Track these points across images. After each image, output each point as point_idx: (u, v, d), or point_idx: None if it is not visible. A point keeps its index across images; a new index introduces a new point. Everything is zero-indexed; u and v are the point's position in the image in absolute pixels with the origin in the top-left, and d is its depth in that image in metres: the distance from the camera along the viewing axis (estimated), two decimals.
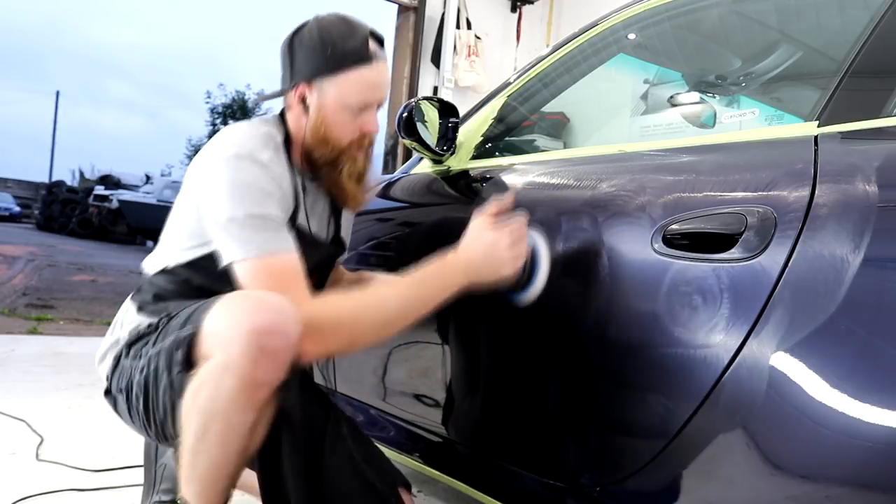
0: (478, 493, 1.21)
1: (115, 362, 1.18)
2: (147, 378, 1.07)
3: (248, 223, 1.05)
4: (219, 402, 0.94)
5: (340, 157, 1.20)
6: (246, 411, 0.96)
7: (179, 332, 1.03)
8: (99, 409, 2.28)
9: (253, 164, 1.09)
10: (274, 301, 0.95)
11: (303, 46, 1.15)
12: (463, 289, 1.10)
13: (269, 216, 1.08)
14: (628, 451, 0.97)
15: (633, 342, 0.97)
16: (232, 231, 1.06)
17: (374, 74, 1.16)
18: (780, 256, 0.82)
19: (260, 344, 0.92)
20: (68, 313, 4.68)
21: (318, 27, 1.15)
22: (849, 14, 1.15)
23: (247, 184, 1.07)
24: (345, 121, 1.17)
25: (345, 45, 1.13)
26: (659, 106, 1.63)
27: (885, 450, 0.70)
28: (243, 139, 1.12)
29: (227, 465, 0.99)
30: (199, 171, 1.14)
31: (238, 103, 28.99)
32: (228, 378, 0.93)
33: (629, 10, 1.37)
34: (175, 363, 1.01)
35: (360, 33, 1.15)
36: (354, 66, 1.14)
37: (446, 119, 1.45)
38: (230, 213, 1.06)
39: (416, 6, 4.58)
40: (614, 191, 1.05)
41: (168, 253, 1.19)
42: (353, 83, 1.15)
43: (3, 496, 1.54)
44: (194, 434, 0.97)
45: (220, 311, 0.98)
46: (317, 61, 1.14)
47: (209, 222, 1.10)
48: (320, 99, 1.16)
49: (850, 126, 0.87)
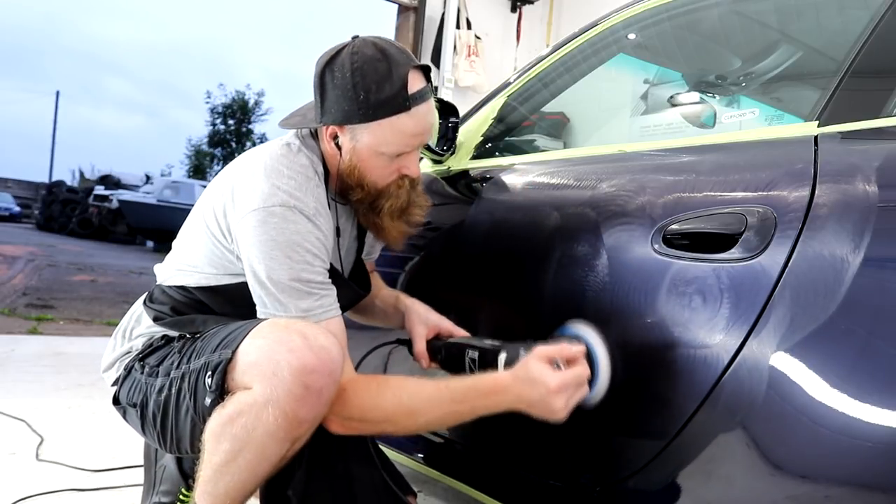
0: (478, 493, 1.21)
1: (126, 373, 1.16)
2: (168, 399, 1.06)
3: (290, 288, 1.00)
4: (256, 433, 0.93)
5: (380, 197, 1.11)
6: (283, 444, 0.96)
7: (211, 357, 1.01)
8: (99, 409, 2.28)
9: (301, 217, 1.01)
10: (318, 339, 0.94)
11: (335, 86, 1.03)
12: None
13: (314, 282, 1.02)
14: (628, 451, 0.97)
15: (633, 342, 0.97)
16: (271, 291, 1.01)
17: (413, 123, 1.05)
18: (780, 256, 0.82)
19: (306, 382, 0.92)
20: (68, 313, 4.68)
21: (353, 65, 1.02)
22: (849, 14, 1.15)
23: (293, 244, 1.00)
24: (381, 165, 1.08)
25: (379, 94, 1.01)
26: (659, 106, 1.63)
27: (885, 450, 0.70)
28: (288, 180, 1.02)
29: (249, 488, 0.99)
30: (232, 208, 1.05)
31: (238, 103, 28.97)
32: (271, 412, 0.92)
33: (629, 10, 1.37)
34: (204, 388, 1.00)
35: (399, 74, 1.02)
36: (390, 116, 1.03)
37: (446, 119, 1.45)
38: (272, 273, 1.00)
39: (416, 6, 4.58)
40: (614, 191, 1.05)
41: (187, 272, 1.15)
42: (389, 133, 1.04)
43: (3, 496, 1.54)
44: (223, 456, 0.96)
45: (260, 343, 0.96)
46: (348, 107, 1.03)
47: (247, 271, 1.04)
48: (352, 143, 1.06)
49: (850, 126, 0.87)
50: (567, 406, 0.95)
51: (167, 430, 1.08)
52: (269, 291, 1.01)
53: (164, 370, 1.09)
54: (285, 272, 1.00)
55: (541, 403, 0.96)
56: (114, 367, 1.19)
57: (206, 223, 1.11)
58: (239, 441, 0.94)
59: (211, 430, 0.97)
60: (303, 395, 0.92)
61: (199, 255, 1.13)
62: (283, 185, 1.02)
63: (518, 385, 0.98)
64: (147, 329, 1.17)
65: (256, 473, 0.97)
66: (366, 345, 1.31)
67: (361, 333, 1.55)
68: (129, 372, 1.15)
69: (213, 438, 0.96)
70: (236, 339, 0.99)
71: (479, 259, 1.28)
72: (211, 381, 0.99)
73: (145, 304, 1.19)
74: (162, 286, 1.19)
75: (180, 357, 1.08)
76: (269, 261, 1.00)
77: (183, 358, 1.07)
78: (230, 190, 1.07)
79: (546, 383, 0.94)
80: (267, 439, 0.94)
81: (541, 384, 0.95)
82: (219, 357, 1.00)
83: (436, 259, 1.39)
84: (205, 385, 1.00)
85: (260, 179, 1.03)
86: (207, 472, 0.98)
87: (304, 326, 0.97)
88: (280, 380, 0.92)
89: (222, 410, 0.96)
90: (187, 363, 1.05)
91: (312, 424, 0.97)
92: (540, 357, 0.97)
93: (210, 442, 0.97)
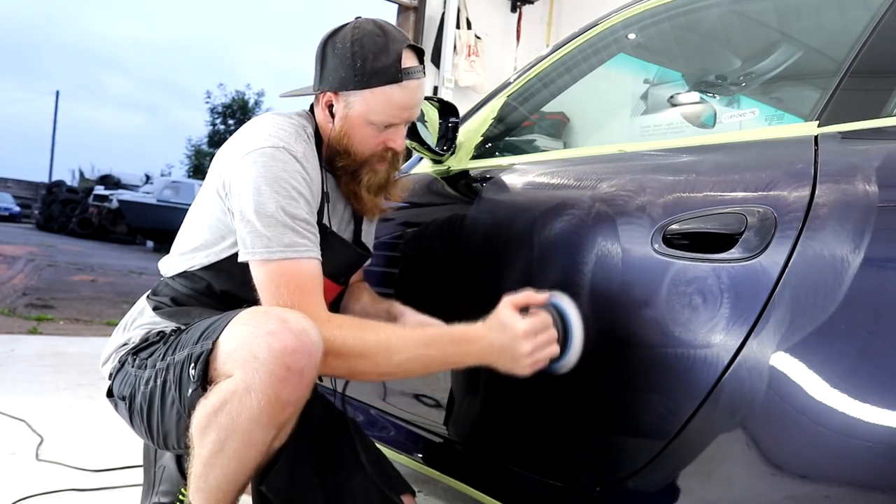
0: (478, 493, 1.21)
1: (119, 364, 1.17)
2: (153, 391, 1.07)
3: (275, 220, 1.03)
4: (241, 420, 0.93)
5: (361, 168, 1.19)
6: (268, 429, 0.95)
7: (194, 348, 1.02)
8: (99, 409, 2.28)
9: (289, 157, 1.07)
10: (297, 321, 0.95)
11: (335, 55, 1.13)
12: (474, 365, 1.06)
13: (299, 217, 1.05)
14: (628, 451, 0.97)
15: (633, 342, 0.97)
16: (257, 226, 1.04)
17: (403, 95, 1.12)
18: (780, 256, 0.82)
19: (287, 363, 0.92)
20: (68, 313, 4.68)
21: (353, 37, 1.11)
22: (849, 14, 1.15)
23: (281, 179, 1.05)
24: (368, 134, 1.15)
25: (375, 63, 1.10)
26: (659, 106, 1.63)
27: (885, 450, 0.70)
28: (278, 129, 1.10)
29: (241, 479, 0.99)
30: (228, 162, 1.11)
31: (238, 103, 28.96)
32: (253, 397, 0.92)
33: (629, 10, 1.37)
34: (188, 379, 1.00)
35: (395, 48, 1.11)
36: (384, 85, 1.11)
37: (446, 119, 1.45)
38: (260, 207, 1.03)
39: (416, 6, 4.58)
40: (614, 191, 1.05)
41: (188, 255, 1.18)
42: (380, 102, 1.12)
43: (3, 496, 1.54)
44: (211, 447, 0.96)
45: (240, 329, 0.97)
46: (345, 74, 1.11)
47: (235, 212, 1.07)
48: (345, 110, 1.14)
49: (851, 126, 0.87)
50: (533, 355, 1.01)
51: (153, 423, 1.08)
52: (254, 228, 1.04)
53: (151, 362, 1.10)
54: (272, 204, 1.03)
55: (509, 348, 1.01)
56: (110, 358, 1.20)
57: (211, 187, 1.15)
58: (224, 430, 0.94)
59: (196, 423, 0.97)
60: (284, 376, 0.92)
61: (201, 228, 1.16)
62: (275, 133, 1.09)
63: (488, 332, 1.03)
64: (147, 321, 1.18)
65: (245, 462, 0.97)
66: None
67: None
68: (123, 365, 1.16)
69: (199, 431, 0.97)
70: (217, 328, 1.00)
71: (478, 259, 1.28)
72: (194, 371, 0.99)
73: (148, 296, 1.22)
74: (165, 279, 1.21)
75: (166, 348, 1.09)
76: (257, 196, 1.04)
77: (168, 349, 1.08)
78: (229, 148, 1.13)
79: (514, 327, 1.01)
80: (252, 425, 0.93)
81: (510, 328, 1.01)
82: (201, 348, 1.00)
83: (435, 259, 1.39)
84: (189, 376, 1.00)
85: (254, 131, 1.11)
86: (198, 467, 0.98)
87: (282, 311, 0.97)
88: (261, 363, 0.92)
89: (206, 402, 0.96)
90: (172, 354, 1.06)
91: (296, 408, 0.97)
92: (508, 304, 1.04)
93: (197, 436, 0.97)
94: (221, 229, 1.14)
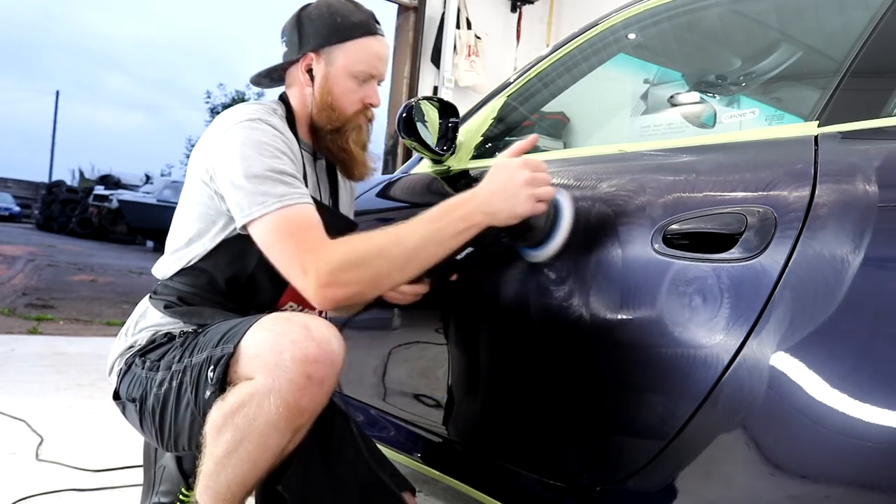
0: (478, 493, 1.21)
1: (126, 367, 1.17)
2: (167, 392, 1.07)
3: (265, 178, 1.06)
4: (258, 423, 0.94)
5: (346, 124, 1.24)
6: (284, 434, 0.96)
7: (213, 351, 1.02)
8: (99, 409, 2.27)
9: (265, 125, 1.12)
10: (320, 329, 0.96)
11: (311, 19, 1.21)
12: (482, 227, 1.05)
13: (287, 172, 1.09)
14: (628, 451, 0.97)
15: (633, 342, 0.97)
16: (248, 188, 1.05)
17: (380, 46, 1.23)
18: (780, 256, 0.82)
19: (308, 372, 0.93)
20: (68, 313, 4.68)
21: (326, 4, 1.22)
22: (849, 14, 1.15)
23: (262, 142, 1.09)
24: (350, 89, 1.22)
25: (353, 18, 1.21)
26: (659, 106, 1.63)
27: (885, 450, 0.70)
28: (251, 109, 1.16)
29: (251, 481, 1.00)
30: (208, 147, 1.14)
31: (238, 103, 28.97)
32: (272, 402, 0.93)
33: (629, 10, 1.37)
34: (206, 382, 1.01)
35: (363, 9, 1.24)
36: (362, 37, 1.21)
37: (446, 119, 1.45)
38: (248, 170, 1.06)
39: (416, 6, 4.58)
40: (614, 191, 1.05)
41: (183, 251, 1.19)
42: (361, 52, 1.21)
43: (3, 496, 1.54)
44: (225, 447, 0.96)
45: (262, 336, 0.98)
46: (326, 31, 1.20)
47: (225, 186, 1.09)
48: (327, 67, 1.21)
49: (851, 126, 0.87)
50: (532, 185, 1.03)
51: (165, 425, 1.08)
52: (246, 191, 1.06)
53: (165, 364, 1.10)
54: (259, 165, 1.07)
55: (509, 183, 1.03)
56: (116, 361, 1.20)
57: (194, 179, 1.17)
58: (240, 431, 0.95)
59: (212, 422, 0.97)
60: (305, 384, 0.93)
61: (190, 221, 1.18)
62: (248, 110, 1.15)
63: (487, 180, 1.06)
64: (152, 322, 1.18)
65: (257, 465, 0.97)
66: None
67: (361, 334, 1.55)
68: (130, 367, 1.16)
69: (214, 431, 0.97)
70: (238, 332, 1.00)
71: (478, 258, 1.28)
72: (213, 374, 1.00)
73: (151, 297, 1.21)
74: (164, 281, 1.22)
75: (182, 351, 1.09)
76: (243, 161, 1.07)
77: (185, 352, 1.08)
78: (206, 138, 1.16)
79: (511, 161, 1.07)
80: (269, 429, 0.94)
81: (507, 163, 1.06)
82: (221, 351, 1.01)
83: None
84: (207, 379, 1.01)
85: (228, 115, 1.17)
86: (209, 465, 0.99)
87: (306, 318, 0.98)
88: (283, 370, 0.93)
89: (223, 402, 0.97)
90: (189, 357, 1.06)
91: (313, 415, 0.98)
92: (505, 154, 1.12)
93: (211, 434, 0.98)
94: (211, 215, 1.15)
